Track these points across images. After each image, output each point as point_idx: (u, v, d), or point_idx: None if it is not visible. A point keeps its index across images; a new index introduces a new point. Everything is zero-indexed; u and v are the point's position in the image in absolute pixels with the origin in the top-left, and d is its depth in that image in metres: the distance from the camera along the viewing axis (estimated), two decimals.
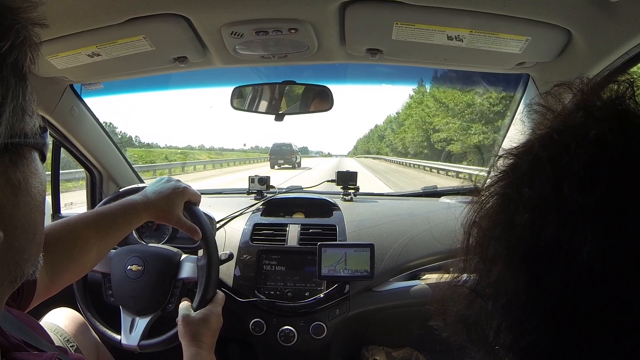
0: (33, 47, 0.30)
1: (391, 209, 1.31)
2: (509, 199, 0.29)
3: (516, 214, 0.27)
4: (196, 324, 0.83)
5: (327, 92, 1.15)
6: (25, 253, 0.32)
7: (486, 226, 0.30)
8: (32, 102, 0.31)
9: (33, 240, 0.33)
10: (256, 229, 1.17)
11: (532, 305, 0.26)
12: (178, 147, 46.33)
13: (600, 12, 0.70)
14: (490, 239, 0.29)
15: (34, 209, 0.33)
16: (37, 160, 0.33)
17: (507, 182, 0.30)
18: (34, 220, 0.33)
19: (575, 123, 0.28)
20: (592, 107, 0.28)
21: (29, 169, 0.31)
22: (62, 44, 0.87)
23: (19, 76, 0.29)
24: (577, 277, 0.24)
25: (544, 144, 0.28)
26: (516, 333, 0.27)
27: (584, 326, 0.25)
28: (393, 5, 0.76)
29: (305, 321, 1.03)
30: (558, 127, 0.28)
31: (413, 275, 1.11)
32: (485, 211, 0.31)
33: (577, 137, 0.26)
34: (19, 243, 0.31)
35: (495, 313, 0.28)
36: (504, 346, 0.28)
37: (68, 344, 0.88)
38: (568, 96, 0.31)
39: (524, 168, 0.28)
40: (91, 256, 0.73)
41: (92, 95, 1.27)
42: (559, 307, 0.25)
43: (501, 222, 0.29)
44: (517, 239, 0.27)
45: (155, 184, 0.87)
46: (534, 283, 0.26)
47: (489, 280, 0.29)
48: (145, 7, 0.76)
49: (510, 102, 1.23)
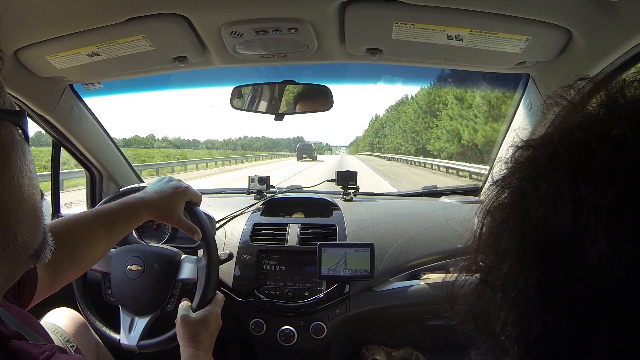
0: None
1: (391, 209, 1.31)
2: (524, 191, 0.28)
3: (531, 207, 0.27)
4: (195, 325, 0.82)
5: (327, 91, 1.15)
6: (12, 216, 0.32)
7: (500, 217, 0.30)
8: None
9: (20, 202, 0.33)
10: (256, 229, 1.17)
11: (541, 301, 0.26)
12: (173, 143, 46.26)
13: (600, 12, 0.70)
14: (504, 230, 0.29)
15: (17, 171, 0.33)
16: (15, 133, 0.34)
17: (524, 174, 0.29)
18: (17, 182, 0.33)
19: (597, 119, 0.28)
20: (616, 105, 0.27)
21: (7, 139, 0.32)
22: (62, 43, 0.87)
23: None
24: (586, 276, 0.24)
25: (563, 138, 0.28)
26: (523, 326, 0.27)
27: (591, 325, 0.25)
28: (393, 5, 0.76)
29: (305, 321, 1.03)
30: (580, 122, 0.28)
31: (413, 275, 1.11)
32: (500, 201, 0.31)
33: (598, 134, 0.26)
34: (4, 205, 0.32)
35: (503, 305, 0.28)
36: (510, 338, 0.28)
37: (68, 344, 0.88)
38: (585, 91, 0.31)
39: (541, 161, 0.28)
40: (91, 254, 0.73)
41: (92, 95, 1.27)
42: (568, 304, 0.25)
43: (515, 215, 0.29)
44: (530, 232, 0.27)
45: (157, 184, 0.87)
46: (544, 278, 0.26)
47: (500, 272, 0.29)
48: (145, 7, 0.76)
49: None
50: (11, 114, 0.34)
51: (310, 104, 1.20)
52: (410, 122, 28.22)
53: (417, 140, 28.95)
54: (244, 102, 1.21)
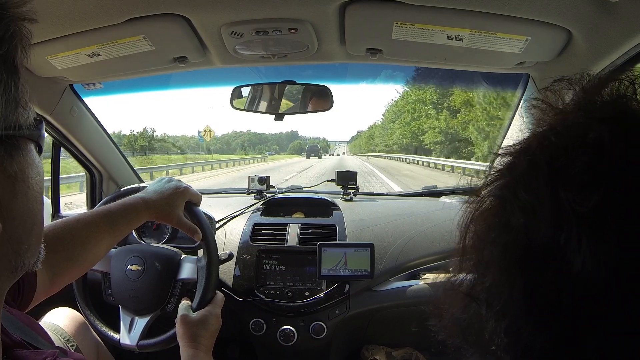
0: (23, 40, 0.31)
1: (391, 209, 1.31)
2: (504, 200, 0.28)
3: (511, 216, 0.27)
4: (195, 325, 0.82)
5: (327, 91, 1.15)
6: (24, 243, 0.33)
7: (481, 229, 0.30)
8: (25, 94, 0.31)
9: (32, 230, 0.34)
10: (256, 229, 1.17)
11: (528, 310, 0.26)
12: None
13: (600, 12, 0.70)
14: (486, 242, 0.29)
15: (32, 199, 0.33)
16: (33, 151, 0.33)
17: (504, 182, 0.29)
18: (32, 210, 0.33)
19: (574, 123, 0.27)
20: (592, 106, 0.27)
21: (25, 160, 0.32)
22: (62, 44, 0.87)
23: (10, 69, 0.30)
24: (571, 285, 0.24)
25: (541, 144, 0.27)
26: (511, 337, 0.27)
27: (579, 332, 0.24)
28: (393, 5, 0.76)
29: (305, 321, 1.03)
30: (557, 126, 0.28)
31: (413, 275, 1.11)
32: (481, 212, 0.30)
33: (575, 139, 0.25)
34: (17, 233, 0.32)
35: (489, 318, 0.28)
36: (500, 348, 0.28)
37: (68, 344, 0.88)
38: (568, 93, 0.30)
39: (520, 169, 0.28)
40: (91, 255, 0.73)
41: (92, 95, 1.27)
42: (554, 313, 0.25)
43: (496, 226, 0.28)
44: (512, 243, 0.27)
45: (156, 184, 0.87)
46: (529, 288, 0.26)
47: (483, 285, 0.28)
48: (145, 7, 0.76)
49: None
50: (33, 129, 0.33)
51: (310, 104, 1.20)
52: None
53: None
54: (244, 102, 1.21)
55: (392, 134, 38.19)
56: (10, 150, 0.30)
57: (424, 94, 26.86)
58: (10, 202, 0.31)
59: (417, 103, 28.65)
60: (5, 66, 0.29)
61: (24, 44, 0.31)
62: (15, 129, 0.30)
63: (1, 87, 0.28)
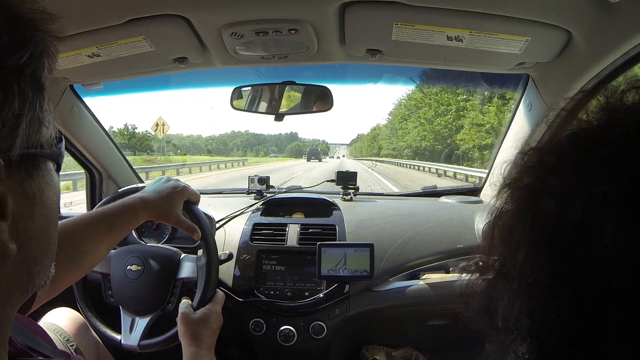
0: (51, 58, 0.30)
1: (391, 209, 1.31)
2: (535, 188, 0.29)
3: (542, 202, 0.28)
4: (196, 324, 0.82)
5: (327, 92, 1.15)
6: (38, 265, 0.32)
7: (512, 215, 0.31)
8: (48, 113, 0.31)
9: (47, 252, 0.33)
10: (256, 229, 1.17)
11: (556, 289, 0.27)
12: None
13: (600, 12, 0.70)
14: (516, 224, 0.30)
15: (50, 220, 0.32)
16: (52, 171, 0.32)
17: (534, 173, 0.30)
18: (49, 232, 0.32)
19: (600, 124, 0.29)
20: (616, 113, 0.28)
21: (44, 180, 0.31)
22: (62, 44, 0.86)
23: (36, 87, 0.29)
24: (596, 267, 0.25)
25: (569, 140, 0.29)
26: (536, 318, 0.28)
27: (602, 317, 0.25)
28: (393, 6, 0.76)
29: (305, 321, 1.03)
30: (584, 126, 0.29)
31: (413, 275, 1.11)
32: (512, 201, 0.32)
33: (602, 134, 0.27)
34: (33, 255, 0.31)
35: (518, 295, 0.29)
36: (523, 331, 0.29)
37: (68, 344, 0.88)
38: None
39: (550, 161, 0.29)
40: (91, 257, 0.72)
41: (92, 95, 1.27)
42: (579, 295, 0.26)
43: (527, 209, 0.30)
44: (542, 225, 0.28)
45: (155, 184, 0.87)
46: (557, 270, 0.27)
47: (515, 261, 0.29)
48: (145, 8, 0.76)
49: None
50: (54, 147, 0.31)
51: (310, 105, 1.20)
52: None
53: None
54: (244, 102, 1.22)
55: (404, 135, 32.83)
56: (30, 170, 0.29)
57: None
58: (27, 223, 0.30)
59: (445, 93, 23.07)
60: (32, 84, 0.28)
61: (50, 62, 0.30)
62: (37, 148, 0.29)
63: (26, 106, 0.27)
